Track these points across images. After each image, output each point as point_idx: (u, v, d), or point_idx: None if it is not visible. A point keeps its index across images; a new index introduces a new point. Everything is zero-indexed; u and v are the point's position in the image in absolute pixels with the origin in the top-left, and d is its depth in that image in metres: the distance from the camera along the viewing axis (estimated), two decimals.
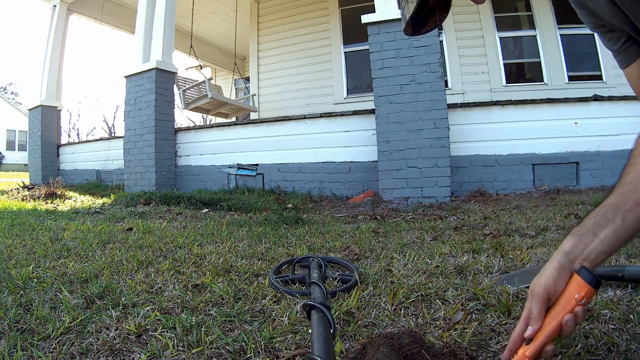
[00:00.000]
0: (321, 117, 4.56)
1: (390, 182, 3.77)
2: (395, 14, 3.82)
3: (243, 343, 0.83)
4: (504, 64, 6.20)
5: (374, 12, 3.92)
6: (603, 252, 0.60)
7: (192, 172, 5.29)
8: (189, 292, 1.17)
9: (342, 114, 4.48)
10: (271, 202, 3.69)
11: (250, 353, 0.80)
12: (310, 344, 0.74)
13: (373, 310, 1.00)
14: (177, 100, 5.80)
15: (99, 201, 4.22)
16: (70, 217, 3.01)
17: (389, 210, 3.12)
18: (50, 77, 6.77)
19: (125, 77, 5.33)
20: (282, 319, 0.96)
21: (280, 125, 4.80)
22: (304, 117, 4.66)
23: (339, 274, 1.31)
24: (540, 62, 6.11)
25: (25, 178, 8.81)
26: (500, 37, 6.13)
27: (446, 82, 6.00)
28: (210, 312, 1.02)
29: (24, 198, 4.41)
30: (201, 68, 7.78)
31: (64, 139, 12.56)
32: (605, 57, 5.79)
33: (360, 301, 1.07)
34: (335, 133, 4.48)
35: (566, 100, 4.00)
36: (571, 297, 0.59)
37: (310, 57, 7.08)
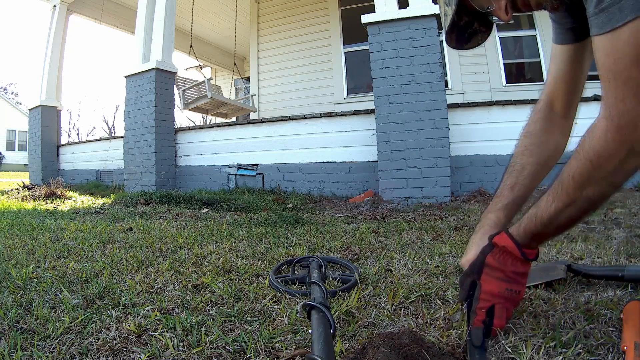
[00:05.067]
0: (321, 117, 4.56)
1: (390, 182, 3.77)
2: (395, 14, 3.82)
3: (243, 343, 0.83)
4: (504, 64, 6.20)
5: (374, 12, 3.93)
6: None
7: (192, 172, 5.29)
8: (189, 292, 1.17)
9: (342, 114, 4.48)
10: (271, 202, 3.69)
11: (250, 353, 0.80)
12: (310, 344, 0.74)
13: (373, 310, 1.00)
14: (177, 100, 5.80)
15: (99, 201, 4.22)
16: (70, 217, 3.01)
17: (389, 210, 3.12)
18: (50, 77, 6.77)
19: (125, 77, 5.33)
20: (282, 319, 0.96)
21: (280, 125, 4.81)
22: (304, 117, 4.66)
23: (339, 274, 1.31)
24: (540, 62, 6.11)
25: (25, 178, 8.81)
26: (500, 37, 6.13)
27: (446, 82, 6.00)
28: (210, 312, 1.02)
29: (24, 198, 4.41)
30: (201, 68, 7.80)
31: (64, 139, 12.56)
32: None
33: (360, 301, 1.07)
34: (335, 133, 4.49)
35: None
36: None
37: (310, 57, 7.08)
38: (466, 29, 0.78)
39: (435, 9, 3.71)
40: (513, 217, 0.95)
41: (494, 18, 0.75)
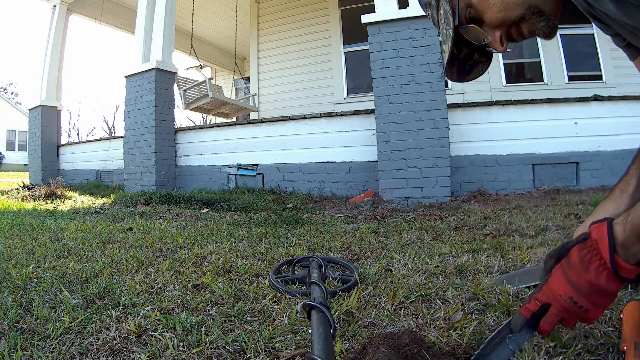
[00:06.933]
0: (321, 117, 4.56)
1: (390, 182, 3.77)
2: (395, 14, 3.82)
3: (243, 343, 0.83)
4: (504, 64, 6.20)
5: (374, 12, 3.92)
6: None
7: (192, 172, 5.29)
8: (189, 292, 1.17)
9: (342, 114, 4.48)
10: (271, 202, 3.69)
11: (250, 353, 0.80)
12: (310, 344, 0.74)
13: (373, 310, 1.00)
14: (177, 100, 5.80)
15: (99, 201, 4.22)
16: (70, 217, 3.01)
17: (389, 210, 3.12)
18: (50, 77, 6.77)
19: (125, 77, 5.33)
20: (282, 319, 0.96)
21: (280, 125, 4.80)
22: (304, 117, 4.66)
23: (339, 274, 1.31)
24: (540, 62, 6.11)
25: (25, 178, 8.81)
26: None
27: (446, 82, 5.99)
28: (210, 312, 1.02)
29: (24, 198, 4.41)
30: (201, 68, 7.78)
31: (64, 139, 12.58)
32: (605, 57, 5.79)
33: (360, 301, 1.07)
34: (335, 133, 4.48)
35: (566, 100, 4.00)
36: None
37: (310, 57, 7.08)
38: (467, 61, 0.78)
39: None
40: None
41: (491, 49, 0.74)
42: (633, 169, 0.78)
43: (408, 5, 3.82)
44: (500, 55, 6.13)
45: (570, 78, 5.99)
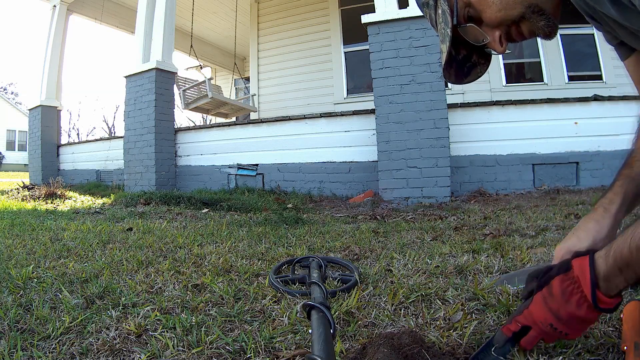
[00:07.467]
0: (321, 117, 4.56)
1: (390, 182, 3.77)
2: (395, 14, 3.82)
3: (243, 343, 0.83)
4: (504, 64, 6.20)
5: (374, 12, 3.92)
6: None
7: (192, 172, 5.29)
8: (189, 292, 1.17)
9: (342, 114, 4.48)
10: (271, 202, 3.69)
11: (250, 353, 0.80)
12: (310, 344, 0.74)
13: (373, 310, 1.00)
14: (177, 100, 5.80)
15: (99, 201, 4.22)
16: (70, 217, 3.01)
17: (389, 210, 3.12)
18: (50, 77, 6.77)
19: (125, 77, 5.33)
20: (282, 319, 0.96)
21: (280, 125, 4.80)
22: (304, 117, 4.66)
23: (339, 274, 1.31)
24: (540, 62, 6.11)
25: (25, 178, 8.80)
26: None
27: (446, 82, 6.00)
28: (210, 312, 1.02)
29: (24, 198, 4.40)
30: (201, 68, 7.79)
31: (64, 139, 12.56)
32: (605, 57, 5.79)
33: (360, 301, 1.07)
34: (335, 133, 4.48)
35: (566, 100, 4.00)
36: None
37: (310, 57, 7.08)
38: (465, 63, 0.77)
39: None
40: (623, 218, 0.76)
41: (490, 50, 0.73)
42: (617, 186, 0.76)
43: (408, 5, 3.82)
44: (500, 55, 6.14)
45: (570, 78, 5.99)
